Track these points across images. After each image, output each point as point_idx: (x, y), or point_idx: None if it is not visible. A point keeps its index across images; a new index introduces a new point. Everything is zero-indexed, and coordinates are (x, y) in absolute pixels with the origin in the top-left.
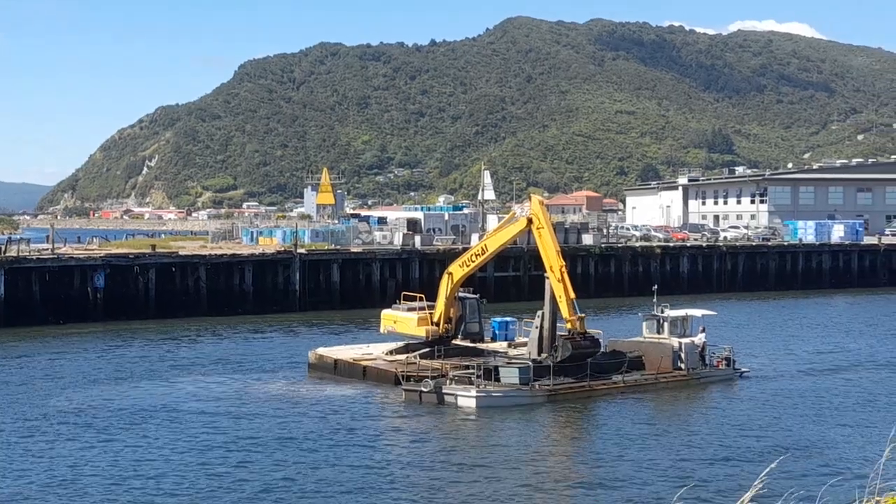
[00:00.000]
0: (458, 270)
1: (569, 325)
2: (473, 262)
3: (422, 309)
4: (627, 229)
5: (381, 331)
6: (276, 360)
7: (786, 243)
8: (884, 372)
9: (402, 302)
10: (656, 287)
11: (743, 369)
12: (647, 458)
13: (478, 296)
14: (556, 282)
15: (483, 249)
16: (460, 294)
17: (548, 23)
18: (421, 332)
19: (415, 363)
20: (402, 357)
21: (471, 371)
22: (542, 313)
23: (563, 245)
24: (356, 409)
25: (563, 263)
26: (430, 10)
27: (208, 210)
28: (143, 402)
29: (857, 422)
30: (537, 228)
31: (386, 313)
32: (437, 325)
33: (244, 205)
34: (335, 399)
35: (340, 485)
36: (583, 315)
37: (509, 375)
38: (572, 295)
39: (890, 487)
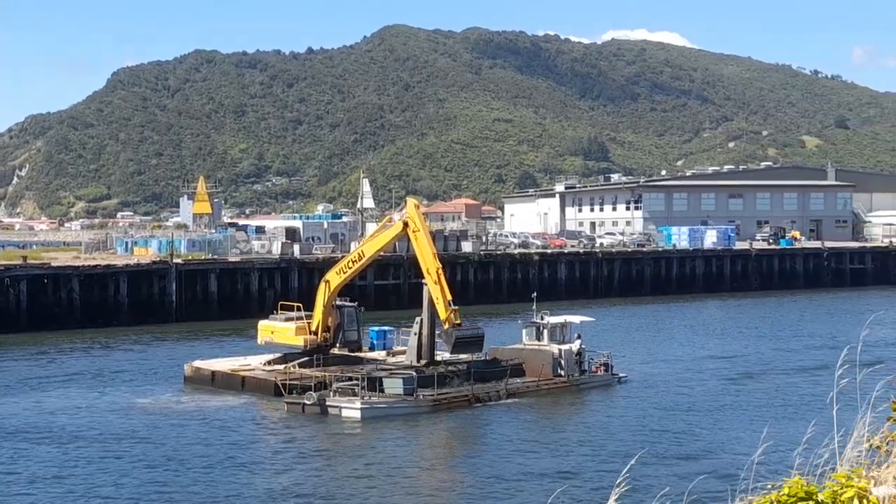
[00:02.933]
0: (335, 278)
1: (446, 325)
2: (350, 268)
3: (299, 318)
4: (506, 237)
5: (259, 342)
6: (153, 373)
7: (660, 249)
8: (757, 374)
9: (279, 312)
10: (535, 294)
11: (621, 375)
12: (529, 463)
13: (356, 304)
14: (433, 284)
15: (360, 255)
16: (338, 303)
17: (425, 31)
18: (299, 341)
19: (294, 373)
20: (281, 367)
21: (354, 382)
22: (421, 320)
23: (443, 252)
24: (237, 422)
25: (440, 266)
26: (306, 17)
27: (81, 220)
28: (11, 420)
29: (732, 423)
30: (413, 231)
31: (263, 324)
32: (316, 334)
33: (118, 214)
34: (215, 411)
35: (221, 500)
36: (456, 308)
37: (393, 386)
38: (449, 297)
39: (763, 486)
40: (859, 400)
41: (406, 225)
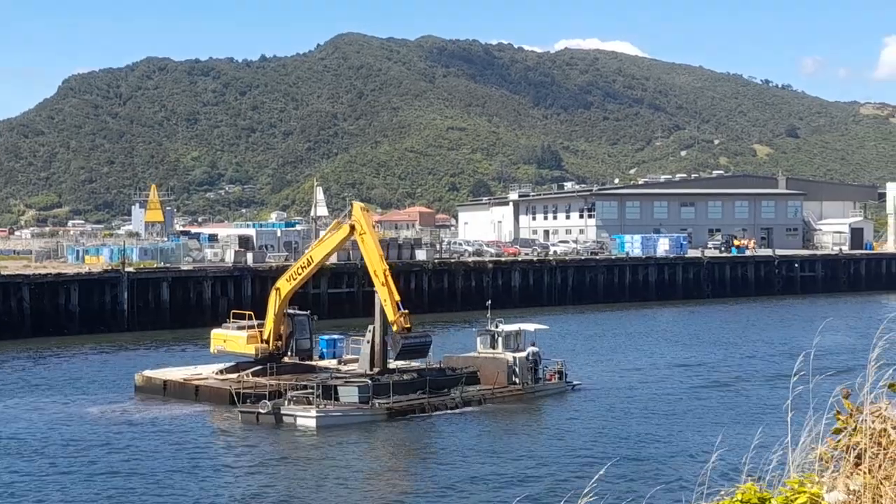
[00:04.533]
0: (285, 285)
1: (395, 328)
2: (300, 274)
3: (251, 327)
4: (460, 244)
5: (212, 350)
6: (105, 383)
7: (613, 257)
8: (711, 381)
9: (231, 320)
10: (490, 302)
11: (575, 382)
12: (484, 471)
13: (308, 313)
14: (381, 286)
15: (309, 261)
16: (289, 311)
17: (378, 39)
18: (251, 350)
19: (247, 382)
20: (234, 376)
21: (309, 391)
22: (373, 328)
23: (397, 261)
24: (190, 432)
25: (387, 267)
26: (259, 25)
27: (32, 228)
28: None
29: (687, 429)
30: (360, 234)
31: (216, 332)
32: (267, 342)
33: (69, 223)
34: (167, 421)
35: None
36: (406, 311)
37: (349, 394)
38: (397, 298)
39: (717, 492)
40: (812, 406)
41: (353, 228)
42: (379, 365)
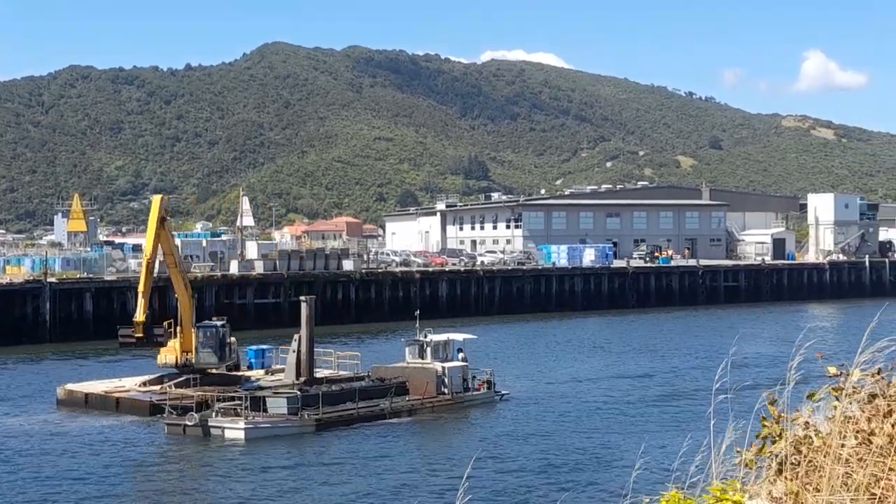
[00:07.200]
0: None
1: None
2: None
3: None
4: (387, 255)
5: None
6: (25, 396)
7: (540, 267)
8: (636, 388)
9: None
10: (418, 312)
11: (503, 392)
12: (412, 481)
13: (219, 324)
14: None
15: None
16: (200, 323)
17: (305, 49)
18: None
19: (173, 393)
20: (157, 388)
21: (237, 402)
22: (299, 337)
23: (324, 271)
24: (113, 445)
25: (149, 256)
26: (184, 34)
27: None
28: None
29: (613, 437)
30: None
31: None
32: (186, 353)
33: None
34: (91, 434)
35: None
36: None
37: (277, 405)
38: (144, 290)
39: (640, 500)
40: (729, 414)
41: (163, 221)
42: (305, 375)
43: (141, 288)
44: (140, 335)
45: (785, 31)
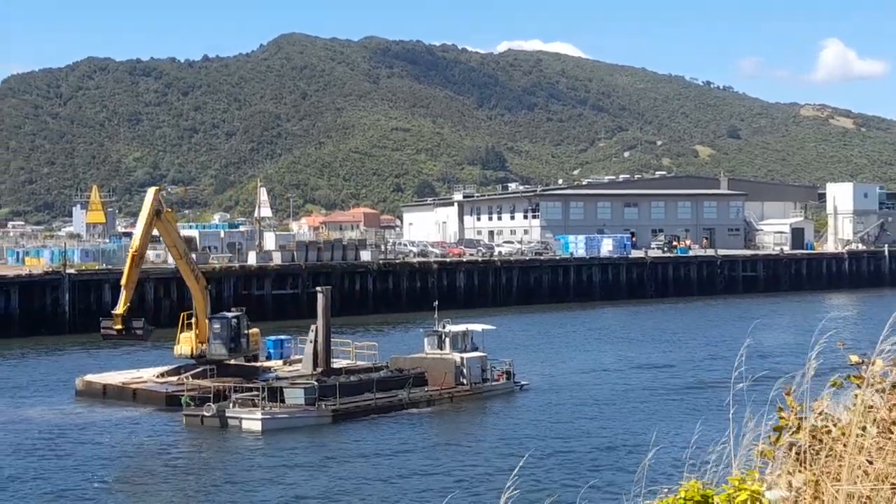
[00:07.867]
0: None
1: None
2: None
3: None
4: (405, 245)
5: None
6: (44, 386)
7: (558, 257)
8: (655, 378)
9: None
10: (437, 303)
11: (522, 382)
12: (430, 471)
13: (233, 315)
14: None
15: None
16: (213, 314)
17: (322, 39)
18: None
19: (190, 384)
20: (174, 379)
21: (255, 393)
22: (316, 328)
23: (342, 262)
24: (132, 436)
25: (135, 250)
26: (201, 25)
27: None
28: None
29: (632, 427)
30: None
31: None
32: (202, 343)
33: (9, 224)
34: (110, 425)
35: None
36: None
37: (294, 396)
38: (125, 282)
39: (658, 490)
40: (748, 403)
41: (158, 213)
42: (322, 365)
43: (124, 281)
44: (119, 327)
45: (803, 19)
